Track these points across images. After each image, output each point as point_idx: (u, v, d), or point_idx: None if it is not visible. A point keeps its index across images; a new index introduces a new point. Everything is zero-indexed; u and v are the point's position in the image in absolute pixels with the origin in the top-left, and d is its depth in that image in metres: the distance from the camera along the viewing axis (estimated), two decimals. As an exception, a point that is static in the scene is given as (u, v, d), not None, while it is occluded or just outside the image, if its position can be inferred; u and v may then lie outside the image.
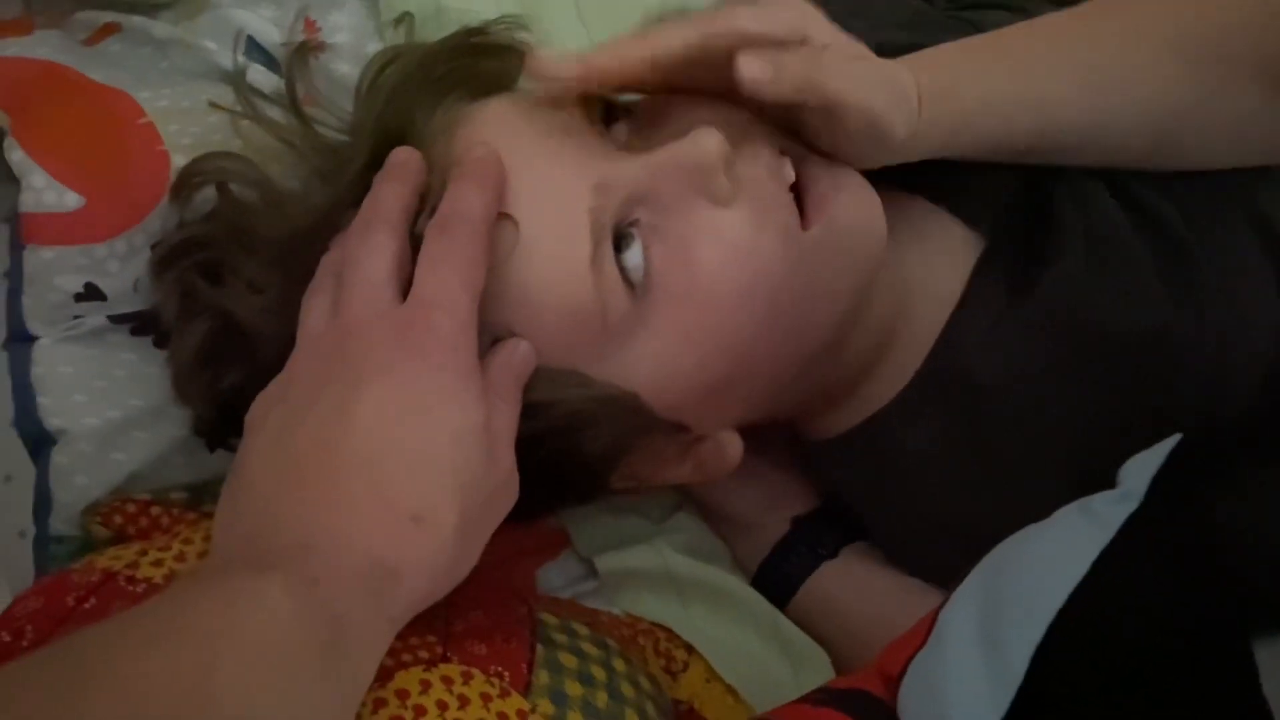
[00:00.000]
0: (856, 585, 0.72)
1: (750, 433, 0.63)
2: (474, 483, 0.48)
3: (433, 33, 0.73)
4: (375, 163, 0.55)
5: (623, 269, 0.53)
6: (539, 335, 0.53)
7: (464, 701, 0.45)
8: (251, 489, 0.47)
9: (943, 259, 0.66)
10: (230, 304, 0.56)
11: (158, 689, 0.36)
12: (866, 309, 0.61)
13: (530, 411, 0.53)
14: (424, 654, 0.46)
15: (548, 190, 0.53)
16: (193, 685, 0.37)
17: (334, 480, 0.46)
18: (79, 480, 0.61)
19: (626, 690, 0.52)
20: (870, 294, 0.60)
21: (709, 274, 0.54)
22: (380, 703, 0.44)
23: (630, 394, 0.56)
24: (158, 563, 0.52)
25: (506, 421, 0.51)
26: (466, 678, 0.47)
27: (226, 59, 0.69)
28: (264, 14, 0.72)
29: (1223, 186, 0.63)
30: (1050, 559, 0.49)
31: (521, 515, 0.55)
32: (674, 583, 0.69)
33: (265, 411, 0.50)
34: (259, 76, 0.69)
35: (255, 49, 0.71)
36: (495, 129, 0.55)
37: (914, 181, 0.66)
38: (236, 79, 0.64)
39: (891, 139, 0.56)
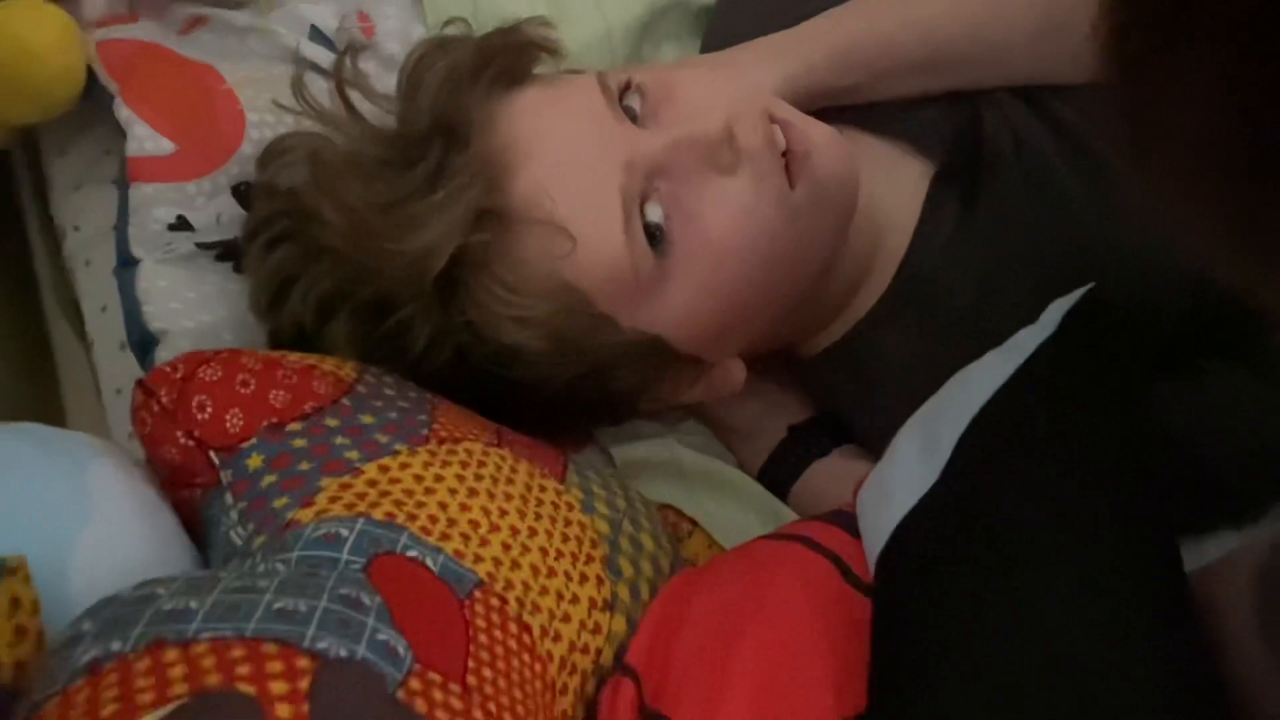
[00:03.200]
0: (843, 478, 0.80)
1: (751, 356, 0.74)
2: None
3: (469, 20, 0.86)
4: (432, 141, 0.64)
5: (648, 232, 0.64)
6: (587, 288, 0.64)
7: (514, 470, 0.56)
8: None
9: (903, 186, 0.77)
10: (318, 232, 0.64)
11: None
12: (846, 242, 0.72)
13: (577, 354, 0.65)
14: (484, 438, 0.57)
15: (584, 174, 0.64)
16: None
17: None
18: (178, 372, 0.72)
19: (640, 505, 0.63)
20: (849, 230, 0.72)
21: (720, 234, 0.65)
22: (452, 452, 0.55)
23: (657, 337, 0.67)
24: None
25: None
26: (515, 460, 0.57)
27: (293, 42, 0.83)
28: (326, 8, 0.86)
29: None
30: (979, 375, 0.59)
31: (565, 433, 0.67)
32: (681, 471, 0.79)
33: None
34: (321, 55, 0.83)
35: (319, 35, 0.85)
36: (533, 121, 0.66)
37: (873, 123, 0.78)
38: (295, 86, 0.71)
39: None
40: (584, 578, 0.54)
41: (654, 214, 0.65)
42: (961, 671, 0.49)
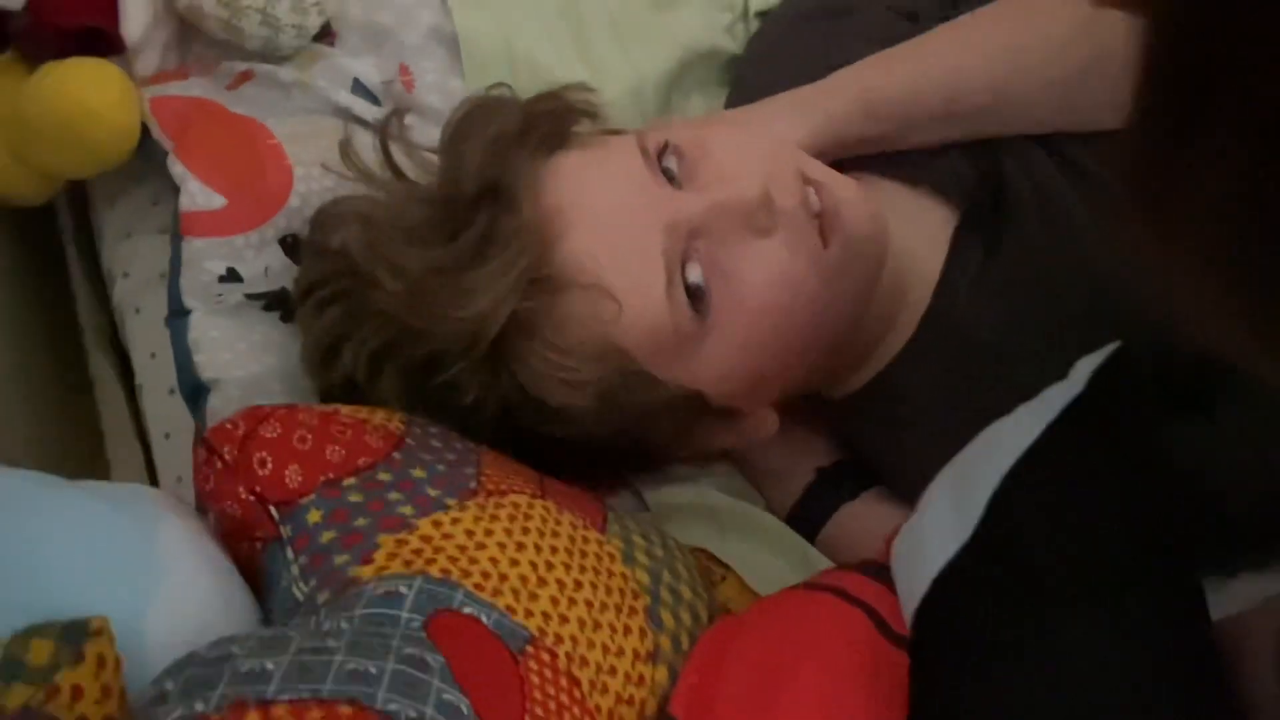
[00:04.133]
0: (871, 522, 0.83)
1: (781, 402, 0.76)
2: None
3: (504, 72, 0.89)
4: (480, 205, 0.67)
5: (689, 292, 0.66)
6: (631, 348, 0.67)
7: (558, 522, 0.58)
8: None
9: (927, 232, 0.79)
10: (371, 295, 0.66)
11: None
12: (874, 292, 0.74)
13: (618, 410, 0.67)
14: (529, 490, 0.59)
15: (628, 238, 0.66)
16: None
17: None
18: (228, 420, 0.74)
19: (677, 552, 0.65)
20: (878, 282, 0.74)
21: (757, 294, 0.68)
22: (500, 505, 0.57)
23: (696, 393, 0.70)
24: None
25: None
26: (559, 512, 0.59)
27: (337, 96, 0.86)
28: (367, 61, 0.89)
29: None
30: (1009, 432, 0.61)
31: (602, 481, 0.70)
32: (713, 515, 0.81)
33: None
34: (363, 108, 0.86)
35: (361, 89, 0.88)
36: (578, 186, 0.68)
37: (897, 171, 0.81)
38: (343, 149, 0.75)
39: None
40: (628, 630, 0.56)
41: (694, 275, 0.67)
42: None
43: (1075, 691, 0.50)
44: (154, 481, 0.84)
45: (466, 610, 0.49)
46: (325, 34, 0.90)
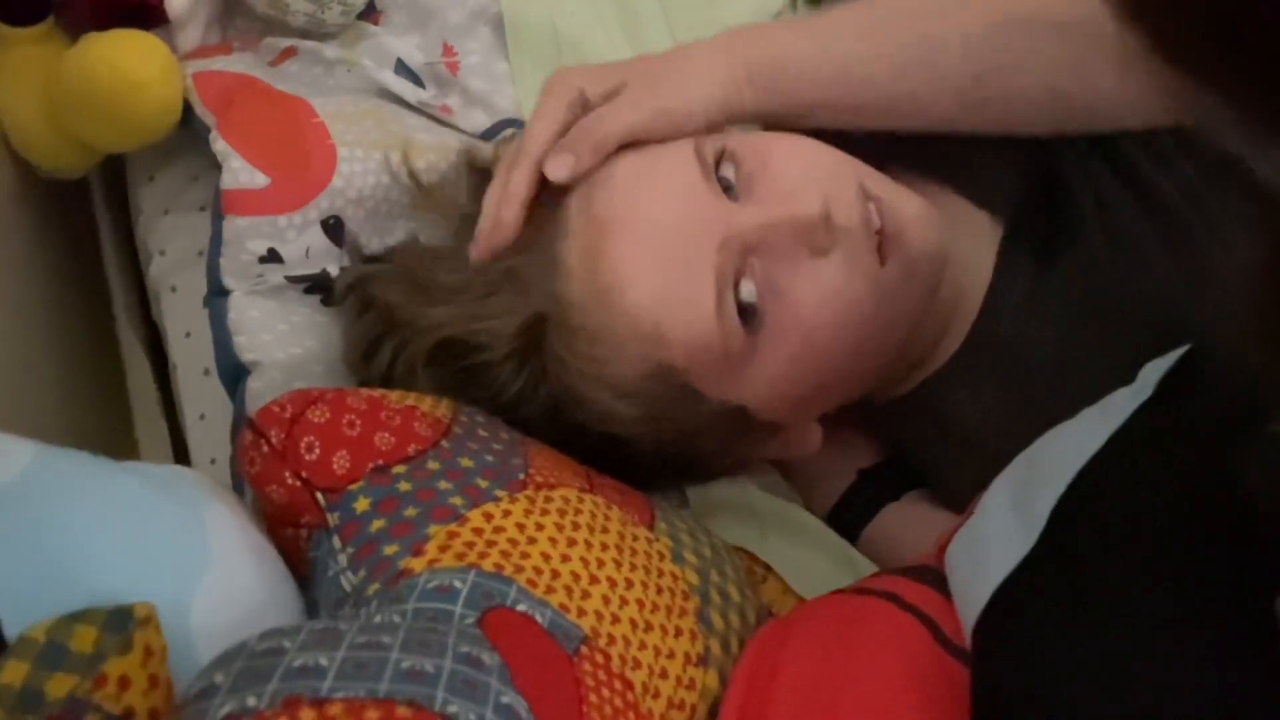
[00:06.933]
0: (915, 523, 0.81)
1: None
2: None
3: (550, 56, 0.87)
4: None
5: (740, 310, 0.64)
6: (677, 363, 0.65)
7: (608, 519, 0.56)
8: None
9: (976, 240, 0.77)
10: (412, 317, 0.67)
11: None
12: (929, 309, 0.72)
13: (661, 422, 0.66)
14: (577, 484, 0.58)
15: (681, 254, 0.64)
16: None
17: None
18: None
19: (724, 552, 0.63)
20: (933, 299, 0.72)
21: (811, 314, 0.66)
22: (549, 500, 0.55)
23: (741, 408, 0.68)
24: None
25: None
26: (608, 507, 0.58)
27: (380, 76, 0.84)
28: (411, 40, 0.87)
29: (1219, 164, 0.72)
30: (1073, 437, 0.59)
31: (646, 487, 0.68)
32: (754, 514, 0.79)
33: None
34: (406, 89, 0.84)
35: (404, 69, 0.86)
36: (631, 195, 0.65)
37: (945, 176, 0.77)
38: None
39: (692, 119, 0.68)
40: (679, 631, 0.55)
41: (747, 293, 0.65)
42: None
43: (1146, 708, 0.48)
44: (184, 461, 0.83)
45: (520, 608, 0.47)
46: (369, 12, 0.88)
